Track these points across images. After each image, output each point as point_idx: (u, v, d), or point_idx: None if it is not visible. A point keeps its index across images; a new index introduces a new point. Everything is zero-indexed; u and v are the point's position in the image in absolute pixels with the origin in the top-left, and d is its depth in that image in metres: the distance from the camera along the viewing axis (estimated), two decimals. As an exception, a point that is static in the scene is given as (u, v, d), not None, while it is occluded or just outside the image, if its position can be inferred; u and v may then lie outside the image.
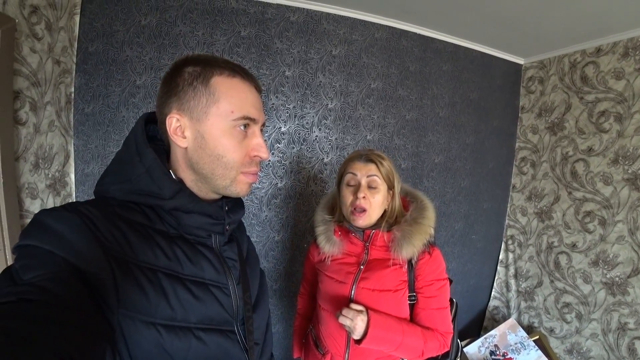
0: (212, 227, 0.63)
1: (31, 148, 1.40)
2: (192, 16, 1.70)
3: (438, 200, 2.21)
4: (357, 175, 1.04)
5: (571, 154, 2.03)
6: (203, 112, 0.57)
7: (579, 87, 2.01)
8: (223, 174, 0.60)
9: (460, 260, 2.33)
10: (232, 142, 0.59)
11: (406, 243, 1.00)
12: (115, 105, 1.67)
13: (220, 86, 0.58)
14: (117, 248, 0.50)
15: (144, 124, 0.60)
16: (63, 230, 0.46)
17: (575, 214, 1.98)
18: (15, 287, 0.41)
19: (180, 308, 0.54)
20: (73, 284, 0.43)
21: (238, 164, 0.60)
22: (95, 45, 1.63)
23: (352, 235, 1.10)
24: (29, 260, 0.44)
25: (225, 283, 0.62)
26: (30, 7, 1.33)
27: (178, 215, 0.59)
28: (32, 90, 1.38)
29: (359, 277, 1.05)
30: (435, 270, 1.04)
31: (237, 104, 0.58)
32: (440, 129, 2.19)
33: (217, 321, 0.59)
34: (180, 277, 0.56)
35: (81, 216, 0.49)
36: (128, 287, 0.49)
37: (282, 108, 1.87)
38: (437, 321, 1.04)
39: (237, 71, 0.60)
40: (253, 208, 1.88)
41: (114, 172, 0.60)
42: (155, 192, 0.56)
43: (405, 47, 2.06)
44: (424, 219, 1.04)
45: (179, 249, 0.57)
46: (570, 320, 1.95)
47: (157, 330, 0.51)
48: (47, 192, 1.51)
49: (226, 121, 0.58)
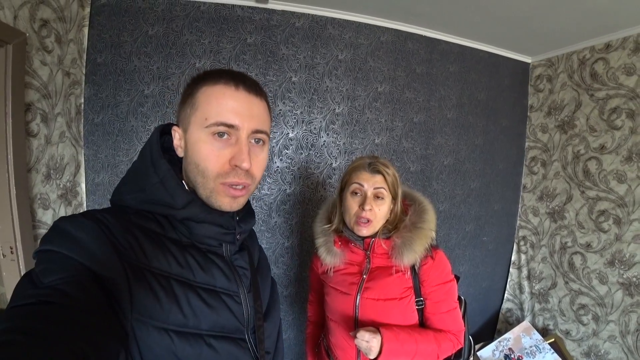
0: (223, 236, 0.63)
1: (43, 159, 1.42)
2: (198, 25, 1.71)
3: (448, 202, 2.19)
4: (364, 187, 1.02)
5: (583, 152, 2.00)
6: (187, 122, 0.58)
7: (589, 84, 1.98)
8: (202, 183, 0.58)
9: (471, 262, 2.30)
10: (207, 150, 0.56)
11: (407, 250, 0.98)
12: (124, 115, 1.68)
13: (201, 95, 0.57)
14: (132, 254, 0.51)
15: (159, 136, 0.62)
16: (81, 236, 0.48)
17: (588, 213, 1.95)
18: (35, 289, 0.42)
19: (192, 315, 0.54)
20: (90, 288, 0.44)
21: (214, 174, 0.57)
22: (103, 56, 1.65)
23: (352, 245, 1.08)
24: (48, 265, 0.45)
25: (237, 291, 0.63)
26: (40, 21, 1.35)
27: (190, 224, 0.59)
28: (43, 102, 1.39)
29: (362, 287, 1.03)
30: (440, 274, 1.02)
31: (212, 111, 0.56)
32: (448, 131, 2.17)
33: (228, 329, 0.60)
34: (192, 284, 0.56)
35: (98, 223, 0.50)
36: (141, 293, 0.50)
37: (289, 114, 1.87)
38: (447, 323, 1.03)
39: (223, 77, 0.58)
40: (262, 214, 1.88)
41: (129, 181, 0.61)
42: (168, 202, 0.57)
43: (411, 50, 2.05)
44: (424, 222, 1.02)
45: (191, 257, 0.58)
46: (587, 322, 1.91)
47: (169, 336, 0.51)
48: (59, 202, 1.52)
49: (201, 128, 0.56)
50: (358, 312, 1.02)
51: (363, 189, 1.02)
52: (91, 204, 1.69)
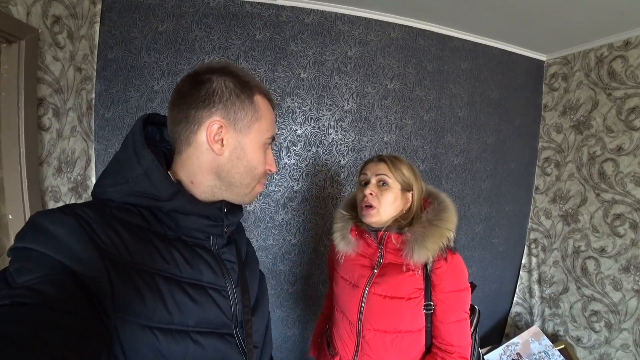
0: (210, 229, 0.63)
1: (54, 153, 1.45)
2: (207, 21, 1.72)
3: (457, 202, 2.12)
4: (368, 174, 1.04)
5: (599, 154, 1.93)
6: (247, 126, 0.61)
7: (607, 82, 1.91)
8: (249, 183, 0.64)
9: (480, 264, 2.26)
10: (262, 157, 0.65)
11: (418, 246, 0.94)
12: (134, 110, 1.71)
13: (262, 105, 0.63)
14: (114, 251, 0.49)
15: (142, 125, 0.60)
16: (59, 232, 0.46)
17: (603, 216, 1.89)
18: (9, 290, 0.40)
19: (178, 311, 0.53)
20: (69, 287, 0.42)
21: (261, 176, 0.66)
22: (114, 52, 1.67)
23: (366, 236, 1.08)
24: (24, 263, 0.43)
25: (224, 286, 0.62)
26: (53, 17, 1.37)
27: (176, 217, 0.58)
28: (55, 97, 1.42)
29: (371, 281, 1.02)
30: (455, 281, 0.97)
31: (270, 125, 0.65)
32: (459, 130, 2.13)
33: (215, 324, 0.59)
34: (178, 280, 0.55)
35: (78, 218, 0.48)
36: (124, 291, 0.48)
37: (297, 110, 1.86)
38: (454, 335, 0.98)
39: (269, 94, 0.68)
40: (269, 211, 1.88)
41: (112, 173, 0.59)
42: (153, 193, 0.56)
43: (422, 47, 2.02)
44: (441, 220, 0.97)
45: (177, 252, 0.57)
46: (599, 330, 1.86)
47: (154, 334, 0.50)
48: (70, 195, 1.55)
49: (263, 138, 0.64)
50: (364, 306, 1.01)
51: (367, 177, 1.04)
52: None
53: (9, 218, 1.29)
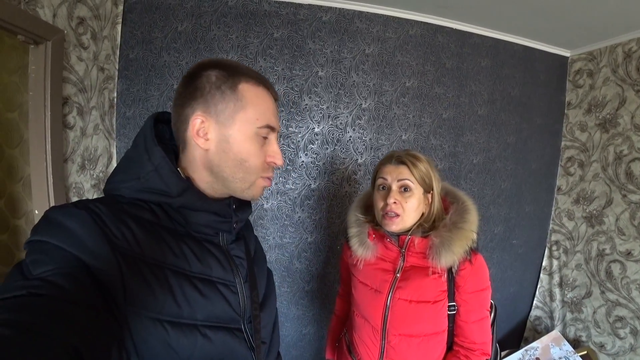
0: (219, 225, 0.64)
1: (78, 150, 1.48)
2: (225, 20, 1.73)
3: (476, 202, 2.05)
4: (388, 180, 0.99)
5: (626, 153, 1.86)
6: (230, 117, 0.59)
7: (635, 79, 1.84)
8: (244, 177, 0.61)
9: (499, 266, 2.21)
10: (254, 148, 0.61)
11: (445, 250, 0.92)
12: (154, 109, 1.73)
13: (248, 93, 0.60)
14: (125, 245, 0.50)
15: (153, 123, 0.61)
16: (73, 226, 0.47)
17: (630, 218, 1.82)
18: (25, 281, 0.41)
19: (187, 305, 0.54)
20: (81, 280, 0.44)
21: (258, 169, 0.62)
22: (135, 52, 1.70)
23: (387, 240, 1.04)
24: (39, 256, 0.45)
25: (233, 281, 0.63)
26: (77, 19, 1.40)
27: (186, 213, 0.60)
28: (79, 96, 1.45)
29: (395, 286, 0.99)
30: (478, 281, 0.97)
31: (262, 112, 0.61)
32: (479, 128, 2.09)
33: (223, 319, 0.60)
34: (187, 274, 0.56)
35: (90, 213, 0.50)
36: (135, 284, 0.49)
37: (315, 109, 1.86)
38: (476, 334, 0.98)
39: (262, 81, 0.63)
40: (286, 209, 1.88)
41: (123, 170, 0.60)
42: (163, 189, 0.57)
43: (441, 43, 1.98)
44: (465, 222, 0.96)
45: (187, 247, 0.58)
46: (624, 336, 1.79)
47: (164, 327, 0.51)
48: (92, 192, 1.59)
49: (252, 127, 0.60)
50: (388, 312, 0.99)
51: (387, 182, 0.99)
52: (122, 194, 1.76)
53: (35, 213, 1.34)
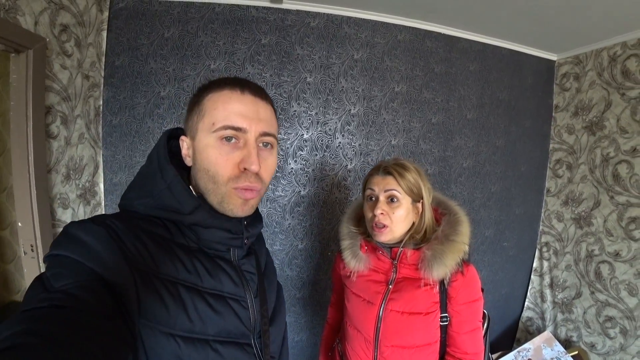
0: (230, 241, 0.64)
1: (62, 160, 1.46)
2: (213, 26, 1.72)
3: (467, 206, 2.12)
4: (375, 190, 0.99)
5: (612, 155, 1.88)
6: (195, 130, 0.60)
7: (620, 82, 1.87)
8: (214, 189, 0.59)
9: (491, 268, 2.22)
10: (216, 155, 0.57)
11: (437, 263, 0.93)
12: (141, 117, 1.71)
13: (208, 102, 0.59)
14: (140, 260, 0.52)
15: (166, 140, 0.62)
16: (91, 242, 0.49)
17: (618, 220, 1.84)
18: (47, 293, 0.43)
19: (199, 320, 0.55)
20: (99, 293, 0.45)
21: (225, 178, 0.57)
22: (121, 59, 1.68)
23: (379, 252, 1.05)
24: (59, 269, 0.46)
25: (244, 296, 0.63)
26: (60, 26, 1.38)
27: (197, 230, 0.60)
28: (63, 104, 1.43)
29: (387, 297, 1.00)
30: (470, 292, 0.98)
31: (219, 115, 0.57)
32: (468, 132, 2.10)
33: (234, 334, 0.60)
34: (199, 290, 0.57)
35: (108, 229, 0.51)
36: (149, 298, 0.50)
37: (304, 115, 1.85)
38: (468, 345, 0.99)
39: (228, 83, 0.60)
40: (276, 216, 1.87)
41: (137, 187, 0.62)
42: (175, 207, 0.58)
43: (430, 48, 1.99)
44: (458, 235, 0.96)
45: (199, 263, 0.58)
46: (614, 336, 1.81)
47: (176, 341, 0.52)
48: (78, 202, 1.56)
49: (209, 134, 0.58)
50: (380, 323, 0.99)
51: (375, 193, 1.00)
52: (109, 203, 1.73)
53: (19, 225, 1.31)
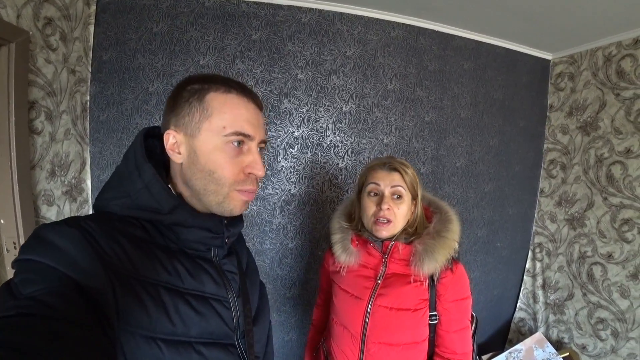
0: (211, 240, 0.63)
1: (47, 156, 1.43)
2: (202, 21, 1.69)
3: (460, 206, 2.10)
4: (381, 185, 0.99)
5: (607, 156, 1.87)
6: (196, 128, 0.58)
7: (615, 82, 1.85)
8: (215, 190, 0.59)
9: (483, 269, 2.21)
10: (224, 158, 0.58)
11: (428, 258, 0.94)
12: (129, 113, 1.69)
13: (214, 102, 0.58)
14: (117, 263, 0.50)
15: (143, 139, 0.60)
16: (64, 245, 0.47)
17: (611, 221, 1.82)
18: (14, 301, 0.41)
19: (181, 322, 0.53)
20: (73, 299, 0.43)
21: (230, 181, 0.59)
22: (109, 53, 1.65)
23: (370, 246, 1.05)
24: (29, 275, 0.44)
25: (226, 296, 0.62)
26: (45, 19, 1.35)
27: (177, 230, 0.59)
28: (47, 100, 1.40)
29: (375, 292, 0.99)
30: (459, 290, 0.98)
31: (229, 120, 0.58)
32: (461, 131, 2.08)
33: (217, 335, 0.59)
34: (180, 291, 0.56)
35: (82, 231, 0.49)
36: (128, 302, 0.49)
37: (295, 112, 1.83)
38: (456, 344, 0.99)
39: (234, 87, 0.60)
40: (266, 215, 1.85)
41: (113, 187, 0.60)
42: (154, 207, 0.57)
43: (424, 46, 1.97)
44: (449, 232, 0.97)
45: (179, 263, 0.57)
46: (605, 338, 1.80)
47: (158, 345, 0.50)
48: (64, 199, 1.54)
49: (218, 137, 0.57)
50: (368, 319, 0.99)
51: (380, 188, 1.00)
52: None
53: (1, 222, 1.29)
